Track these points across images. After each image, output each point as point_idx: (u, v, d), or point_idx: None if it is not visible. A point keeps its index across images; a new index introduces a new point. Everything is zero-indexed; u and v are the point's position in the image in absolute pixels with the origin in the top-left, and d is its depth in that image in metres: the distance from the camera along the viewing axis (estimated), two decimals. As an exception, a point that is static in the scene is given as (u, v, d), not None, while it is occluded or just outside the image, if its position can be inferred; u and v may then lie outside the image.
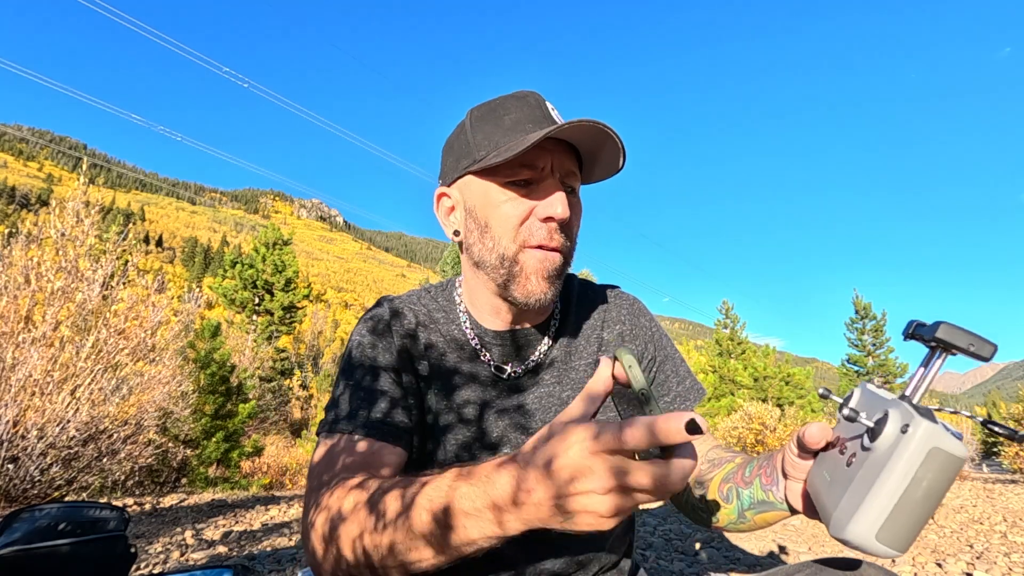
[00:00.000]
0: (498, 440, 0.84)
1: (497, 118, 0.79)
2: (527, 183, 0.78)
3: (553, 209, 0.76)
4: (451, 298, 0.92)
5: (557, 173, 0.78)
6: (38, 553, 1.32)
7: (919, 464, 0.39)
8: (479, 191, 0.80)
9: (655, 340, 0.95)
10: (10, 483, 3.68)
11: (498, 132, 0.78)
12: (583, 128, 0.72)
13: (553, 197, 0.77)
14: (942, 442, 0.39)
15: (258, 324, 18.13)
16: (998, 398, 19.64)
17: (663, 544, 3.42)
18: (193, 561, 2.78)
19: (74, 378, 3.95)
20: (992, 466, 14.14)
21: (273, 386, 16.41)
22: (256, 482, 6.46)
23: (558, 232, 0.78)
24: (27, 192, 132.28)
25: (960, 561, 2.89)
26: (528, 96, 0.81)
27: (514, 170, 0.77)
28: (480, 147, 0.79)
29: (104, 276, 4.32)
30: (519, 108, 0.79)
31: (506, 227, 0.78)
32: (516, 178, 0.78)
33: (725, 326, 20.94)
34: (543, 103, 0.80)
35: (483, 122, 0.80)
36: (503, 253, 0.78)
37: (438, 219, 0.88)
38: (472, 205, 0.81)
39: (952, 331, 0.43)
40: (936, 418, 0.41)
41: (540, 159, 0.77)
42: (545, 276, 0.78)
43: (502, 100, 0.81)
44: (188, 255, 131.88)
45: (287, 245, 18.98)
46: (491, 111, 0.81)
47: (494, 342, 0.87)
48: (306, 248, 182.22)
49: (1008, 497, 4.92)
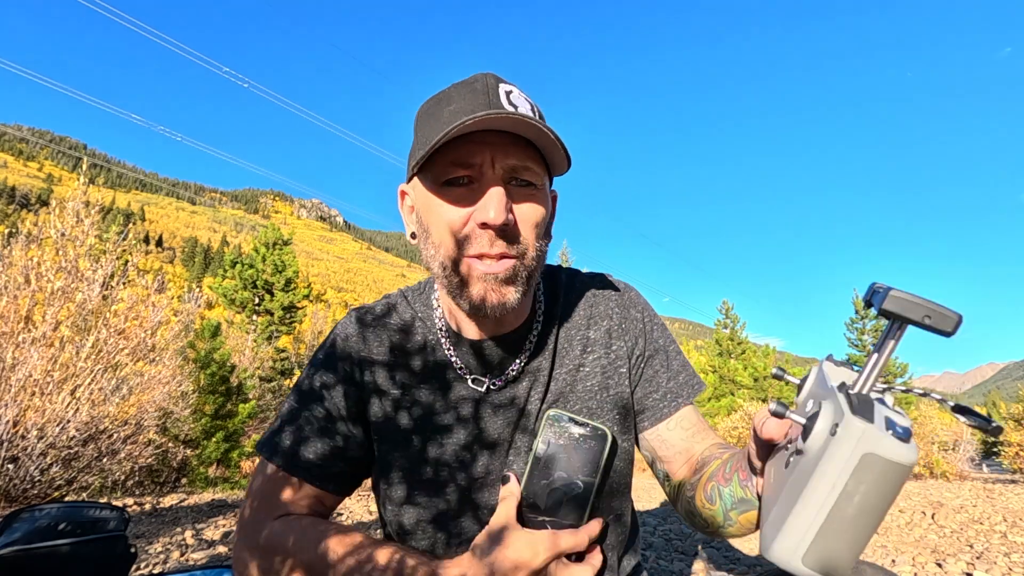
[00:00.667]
0: (471, 459, 0.80)
1: (438, 111, 0.71)
2: (468, 181, 0.70)
3: (485, 214, 0.67)
4: (428, 303, 0.86)
5: (499, 169, 0.69)
6: (38, 553, 1.32)
7: (850, 474, 0.31)
8: (421, 192, 0.74)
9: (646, 334, 0.88)
10: (10, 483, 3.68)
11: (436, 126, 0.68)
12: (504, 120, 0.65)
13: (486, 200, 0.68)
14: (879, 446, 0.31)
15: (258, 324, 18.13)
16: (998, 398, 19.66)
17: (663, 544, 3.42)
18: (193, 561, 2.78)
19: (74, 378, 3.95)
20: (992, 466, 14.14)
21: (273, 386, 16.40)
22: (256, 482, 6.45)
23: (499, 238, 0.69)
24: (27, 192, 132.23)
25: (960, 561, 2.89)
26: (476, 81, 0.71)
27: (448, 168, 0.69)
28: (420, 145, 0.71)
29: (104, 276, 4.31)
30: (462, 96, 0.70)
31: (443, 234, 0.70)
32: (450, 177, 0.69)
33: (725, 326, 20.94)
34: (493, 87, 0.70)
35: (427, 116, 0.73)
36: (443, 262, 0.71)
37: (402, 218, 0.82)
38: (418, 208, 0.75)
39: (903, 301, 0.35)
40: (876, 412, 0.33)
41: (475, 155, 0.68)
42: (491, 286, 0.70)
43: (449, 89, 0.73)
44: (188, 255, 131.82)
45: (287, 245, 18.97)
46: (435, 103, 0.73)
47: (470, 352, 0.81)
48: (306, 248, 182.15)
49: (1008, 497, 4.91)
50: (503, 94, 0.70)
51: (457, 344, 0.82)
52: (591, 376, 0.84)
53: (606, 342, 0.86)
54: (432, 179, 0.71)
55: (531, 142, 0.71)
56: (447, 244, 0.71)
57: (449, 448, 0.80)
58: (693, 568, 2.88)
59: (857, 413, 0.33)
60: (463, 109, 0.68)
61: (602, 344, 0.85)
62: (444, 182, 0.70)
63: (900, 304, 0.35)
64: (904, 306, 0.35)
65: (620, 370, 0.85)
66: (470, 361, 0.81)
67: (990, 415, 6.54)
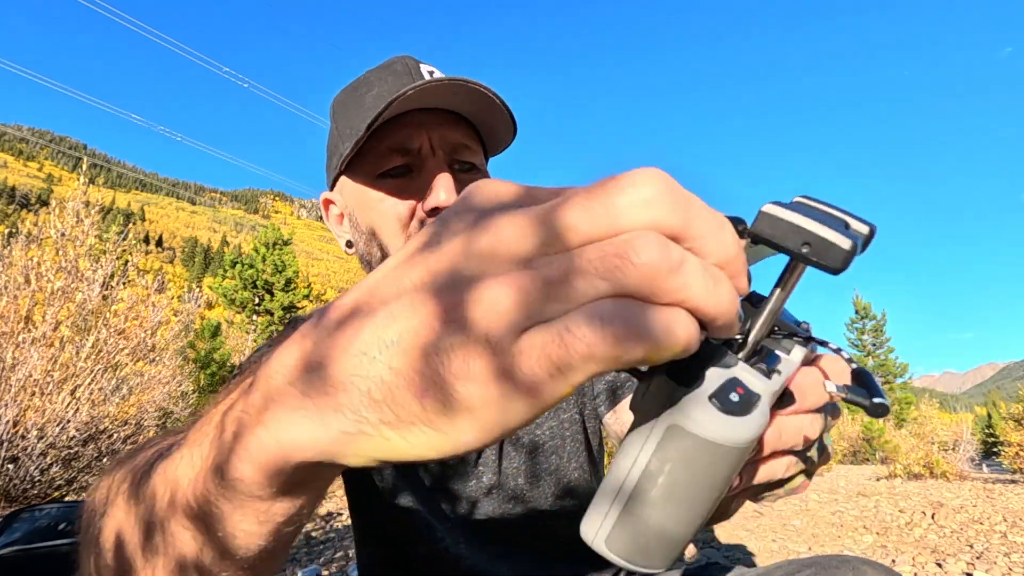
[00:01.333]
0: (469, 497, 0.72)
1: (358, 98, 0.65)
2: (406, 171, 0.64)
3: (436, 198, 0.61)
4: None
5: (440, 151, 0.63)
6: (38, 553, 1.32)
7: (652, 450, 0.23)
8: (354, 192, 0.67)
9: None
10: (10, 483, 3.68)
11: (359, 115, 0.63)
12: (446, 87, 0.58)
13: (435, 182, 0.61)
14: (688, 418, 0.22)
15: (258, 324, 18.13)
16: (998, 398, 19.66)
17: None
18: (193, 561, 2.78)
19: (74, 378, 3.95)
20: (992, 466, 14.13)
21: (273, 386, 16.41)
22: (256, 482, 6.47)
23: None
24: (27, 192, 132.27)
25: (960, 561, 2.89)
26: (395, 63, 0.66)
27: (383, 158, 0.63)
28: (345, 137, 0.64)
29: (104, 276, 4.32)
30: (383, 80, 0.64)
31: (389, 232, 0.64)
32: (388, 167, 0.63)
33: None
34: (414, 67, 0.65)
35: (345, 107, 0.66)
36: None
37: (331, 230, 0.75)
38: (352, 210, 0.68)
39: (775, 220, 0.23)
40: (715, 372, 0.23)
41: (413, 138, 0.62)
42: None
43: (364, 76, 0.67)
44: (188, 255, 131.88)
45: (287, 245, 18.98)
46: (353, 91, 0.66)
47: None
48: (306, 248, 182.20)
49: (1008, 497, 4.91)
50: (426, 73, 0.64)
51: None
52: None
53: None
54: (365, 173, 0.64)
55: (466, 120, 0.66)
56: (396, 241, 0.63)
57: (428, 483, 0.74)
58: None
59: (673, 373, 0.23)
60: (387, 91, 0.62)
61: None
62: (380, 174, 0.64)
63: (772, 225, 0.22)
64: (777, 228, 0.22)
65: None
66: None
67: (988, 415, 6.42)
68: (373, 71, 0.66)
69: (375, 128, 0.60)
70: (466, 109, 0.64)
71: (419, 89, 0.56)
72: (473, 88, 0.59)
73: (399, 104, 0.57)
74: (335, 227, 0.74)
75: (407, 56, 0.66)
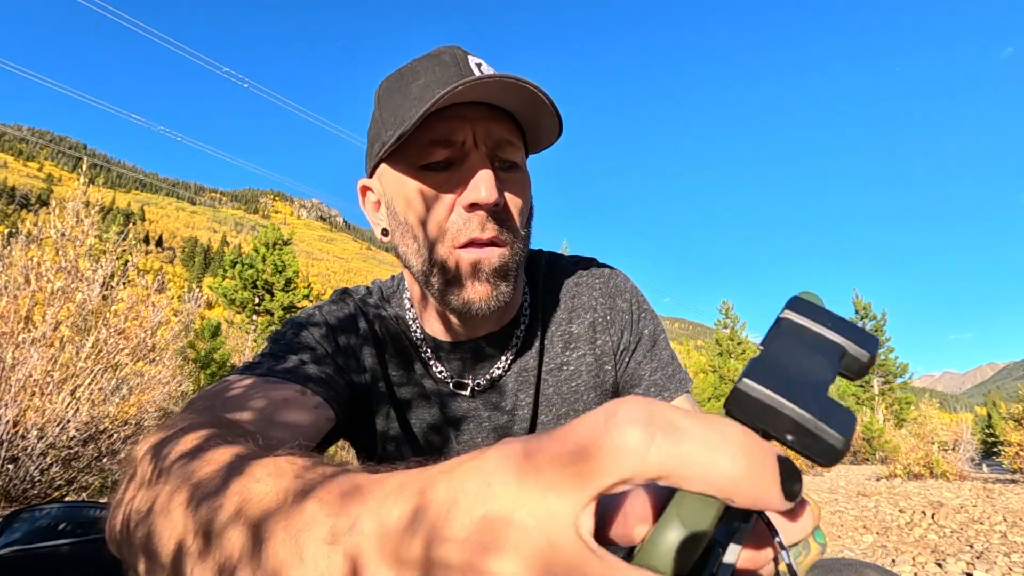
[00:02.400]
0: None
1: (404, 86, 0.63)
2: (447, 164, 0.63)
3: (477, 193, 0.60)
4: (401, 303, 0.77)
5: (483, 146, 0.62)
6: (38, 553, 1.32)
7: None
8: (393, 181, 0.66)
9: (632, 324, 0.77)
10: (10, 483, 3.68)
11: (404, 104, 0.62)
12: (495, 84, 0.57)
13: (476, 178, 0.60)
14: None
15: (258, 324, 18.13)
16: (998, 398, 19.65)
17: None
18: (193, 561, 2.79)
19: (74, 378, 3.95)
20: (992, 466, 14.13)
21: (273, 386, 16.41)
22: (256, 482, 6.47)
23: (490, 221, 0.62)
24: (27, 192, 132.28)
25: (960, 561, 2.89)
26: (442, 53, 0.64)
27: (426, 149, 0.62)
28: (388, 125, 0.63)
29: (104, 276, 4.32)
30: (429, 70, 0.62)
31: (428, 224, 0.63)
32: (430, 160, 0.62)
33: (725, 326, 20.93)
34: (462, 59, 0.63)
35: (391, 94, 0.65)
36: (428, 256, 0.64)
37: (366, 217, 0.74)
38: (390, 199, 0.67)
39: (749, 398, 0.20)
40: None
41: (457, 131, 0.61)
42: (484, 279, 0.63)
43: (411, 64, 0.65)
44: (188, 255, 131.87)
45: (287, 245, 18.98)
46: (399, 79, 0.65)
47: (451, 354, 0.74)
48: (306, 248, 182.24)
49: (1008, 497, 4.92)
50: (473, 66, 0.63)
51: (435, 346, 0.74)
52: (576, 376, 0.76)
53: (590, 337, 0.77)
54: (407, 163, 0.64)
55: (511, 116, 0.65)
56: (434, 235, 0.63)
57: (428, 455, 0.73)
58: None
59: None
60: (435, 81, 0.61)
61: (586, 340, 0.77)
62: (422, 166, 0.63)
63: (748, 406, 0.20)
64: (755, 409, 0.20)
65: (605, 367, 0.77)
66: (449, 364, 0.74)
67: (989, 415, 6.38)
68: (420, 60, 0.65)
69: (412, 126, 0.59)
70: (513, 106, 0.63)
71: (469, 85, 0.55)
72: (522, 86, 0.58)
73: (448, 99, 0.56)
74: (371, 214, 0.73)
75: (455, 47, 0.65)
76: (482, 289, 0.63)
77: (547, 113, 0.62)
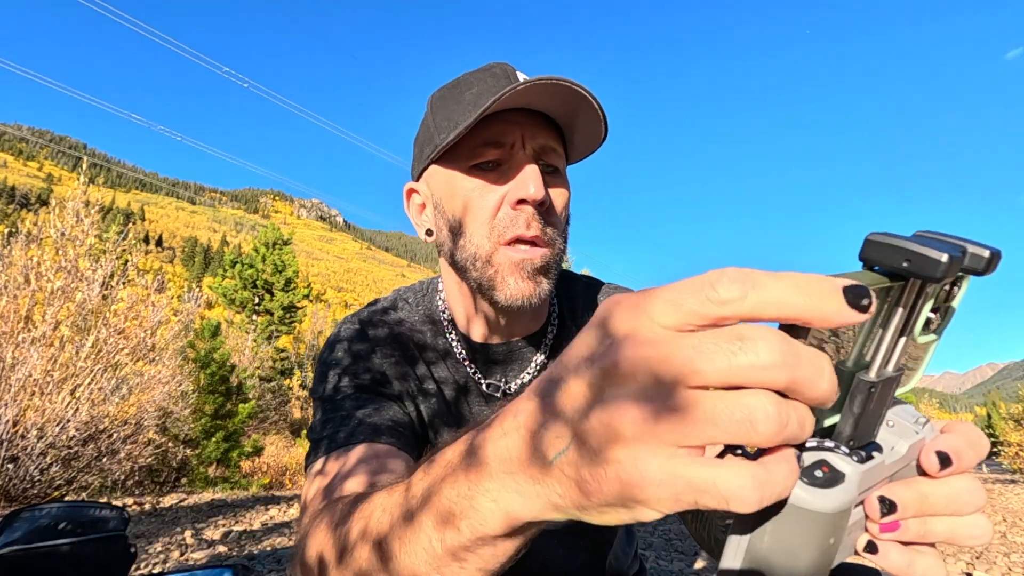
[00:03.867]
0: None
1: (458, 95, 0.69)
2: (496, 165, 0.67)
3: (525, 189, 0.64)
4: (433, 305, 0.80)
5: (530, 148, 0.67)
6: (38, 553, 1.32)
7: (757, 514, 0.29)
8: (443, 181, 0.70)
9: None
10: (10, 483, 3.68)
11: (458, 110, 0.67)
12: (547, 88, 0.61)
13: (524, 174, 0.65)
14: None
15: (258, 324, 18.14)
16: (998, 398, 19.65)
17: (663, 544, 3.42)
18: (193, 561, 2.78)
19: (74, 378, 3.95)
20: (992, 466, 14.15)
21: (273, 386, 16.40)
22: (256, 482, 6.46)
23: (536, 219, 0.66)
24: (27, 192, 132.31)
25: (960, 561, 2.89)
26: (494, 67, 0.70)
27: (477, 150, 0.66)
28: (441, 129, 0.68)
29: (104, 276, 4.32)
30: (482, 81, 0.68)
31: (477, 221, 0.67)
32: (481, 160, 0.67)
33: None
34: (512, 72, 0.69)
35: (444, 102, 0.70)
36: (475, 252, 0.67)
37: (410, 219, 0.78)
38: (439, 199, 0.71)
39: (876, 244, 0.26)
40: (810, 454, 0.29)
41: (507, 134, 0.66)
42: (526, 276, 0.67)
43: (464, 76, 0.71)
44: (188, 255, 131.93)
45: (287, 245, 18.99)
46: (452, 88, 0.71)
47: (485, 356, 0.77)
48: (306, 248, 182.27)
49: (1008, 497, 4.92)
50: (521, 78, 0.68)
51: (469, 348, 0.77)
52: None
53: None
54: (458, 164, 0.68)
55: (555, 125, 0.69)
56: (481, 231, 0.67)
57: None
58: (693, 568, 2.88)
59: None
60: (487, 91, 0.66)
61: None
62: (472, 166, 0.67)
63: (876, 249, 0.26)
64: (881, 251, 0.26)
65: None
66: (483, 365, 0.77)
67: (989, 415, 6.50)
68: (472, 73, 0.70)
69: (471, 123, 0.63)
70: (559, 114, 0.67)
71: (521, 89, 0.60)
72: (573, 93, 0.61)
73: (506, 100, 0.60)
74: (415, 216, 0.77)
75: (505, 63, 0.70)
76: (525, 286, 0.67)
77: (592, 117, 0.66)
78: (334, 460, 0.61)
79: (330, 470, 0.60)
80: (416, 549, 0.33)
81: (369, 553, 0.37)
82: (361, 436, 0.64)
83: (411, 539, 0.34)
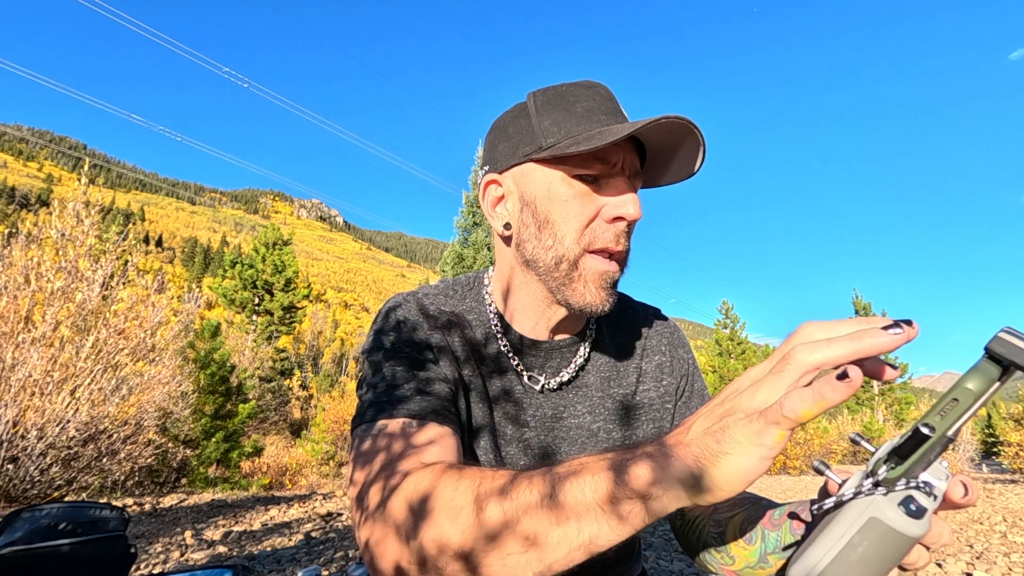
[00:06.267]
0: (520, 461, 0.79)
1: (568, 104, 0.72)
2: (595, 179, 0.71)
3: (625, 208, 0.69)
4: (480, 297, 0.83)
5: (627, 171, 0.71)
6: (38, 553, 1.32)
7: (856, 530, 0.38)
8: (541, 182, 0.72)
9: (689, 375, 0.89)
10: (10, 483, 3.68)
11: (570, 120, 0.70)
12: (668, 125, 0.65)
13: (626, 196, 0.70)
14: (885, 514, 0.38)
15: (258, 324, 18.14)
16: (998, 398, 19.65)
17: (663, 544, 3.42)
18: (193, 561, 2.78)
19: (74, 378, 3.95)
20: (992, 466, 14.15)
21: (273, 386, 16.41)
22: (256, 482, 6.46)
23: (625, 236, 0.71)
24: (27, 192, 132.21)
25: (960, 561, 2.89)
26: (597, 86, 0.74)
27: (585, 163, 0.70)
28: (548, 133, 0.71)
29: (104, 276, 4.32)
30: (590, 97, 0.72)
31: (571, 225, 0.71)
32: (586, 172, 0.70)
33: (725, 326, 20.94)
34: (613, 96, 0.74)
35: (551, 107, 0.72)
36: (563, 254, 0.71)
37: (483, 209, 0.79)
38: (532, 197, 0.73)
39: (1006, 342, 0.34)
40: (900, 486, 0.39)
41: (614, 154, 0.70)
42: (604, 286, 0.71)
43: (569, 87, 0.74)
44: (188, 255, 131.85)
45: (287, 245, 18.98)
46: (559, 96, 0.73)
47: (528, 350, 0.80)
48: (306, 248, 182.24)
49: (1008, 497, 4.92)
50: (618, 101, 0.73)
51: (514, 341, 0.80)
52: (640, 406, 0.84)
53: (657, 376, 0.86)
54: (563, 169, 0.71)
55: (643, 152, 0.74)
56: (573, 236, 0.70)
57: (498, 441, 0.78)
58: (693, 568, 2.88)
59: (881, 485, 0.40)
60: (598, 109, 0.71)
61: (653, 377, 0.86)
62: (576, 175, 0.71)
63: (1005, 346, 0.34)
64: (1008, 348, 0.34)
65: (667, 405, 0.86)
66: (525, 359, 0.80)
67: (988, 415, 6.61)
68: (575, 86, 0.74)
69: (582, 137, 0.68)
70: (660, 145, 0.71)
71: (652, 124, 0.64)
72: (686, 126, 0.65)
73: (657, 126, 0.64)
74: (489, 208, 0.79)
75: (598, 82, 0.75)
76: (601, 295, 0.72)
77: (690, 156, 0.70)
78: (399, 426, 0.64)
79: (400, 434, 0.63)
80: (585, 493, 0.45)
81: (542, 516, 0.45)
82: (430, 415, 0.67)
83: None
